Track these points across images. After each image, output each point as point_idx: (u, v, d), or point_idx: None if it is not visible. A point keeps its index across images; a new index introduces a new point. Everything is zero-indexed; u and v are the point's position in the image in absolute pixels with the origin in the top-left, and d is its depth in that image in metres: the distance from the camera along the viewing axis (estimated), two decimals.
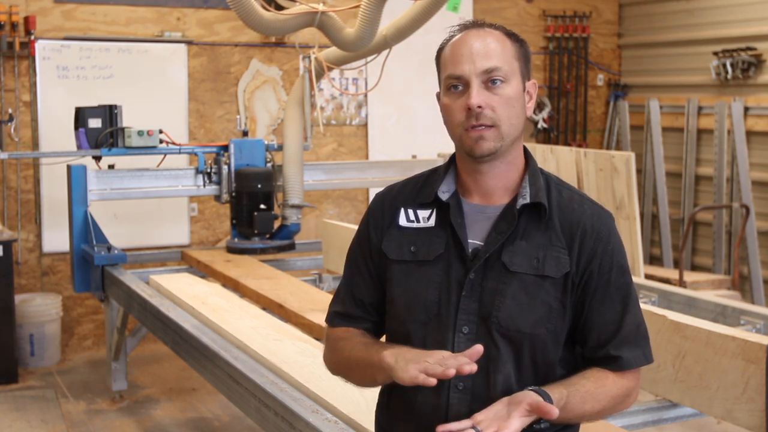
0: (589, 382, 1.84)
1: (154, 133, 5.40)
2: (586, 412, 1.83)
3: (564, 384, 1.82)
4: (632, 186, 6.04)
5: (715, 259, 7.33)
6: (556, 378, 1.87)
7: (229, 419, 5.16)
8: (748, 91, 7.12)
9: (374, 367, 1.85)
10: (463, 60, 1.84)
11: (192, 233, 6.95)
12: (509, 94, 1.85)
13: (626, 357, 1.86)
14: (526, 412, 1.72)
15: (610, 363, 1.87)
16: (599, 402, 1.83)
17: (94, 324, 6.69)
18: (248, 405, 3.15)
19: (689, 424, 4.77)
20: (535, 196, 1.88)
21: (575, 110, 8.39)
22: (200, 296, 4.32)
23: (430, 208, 1.94)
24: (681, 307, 4.24)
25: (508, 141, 1.87)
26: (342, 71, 7.19)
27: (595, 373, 1.87)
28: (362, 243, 2.01)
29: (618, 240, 1.92)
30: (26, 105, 6.41)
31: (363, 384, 2.00)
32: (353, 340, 1.97)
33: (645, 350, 1.90)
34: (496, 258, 1.86)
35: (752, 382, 2.89)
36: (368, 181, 6.33)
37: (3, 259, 5.70)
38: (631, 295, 1.90)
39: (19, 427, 5.04)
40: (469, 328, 1.85)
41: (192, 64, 6.87)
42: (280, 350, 3.39)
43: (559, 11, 8.22)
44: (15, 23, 6.19)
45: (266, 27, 4.97)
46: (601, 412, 1.86)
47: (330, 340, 2.03)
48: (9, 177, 6.40)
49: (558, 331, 1.86)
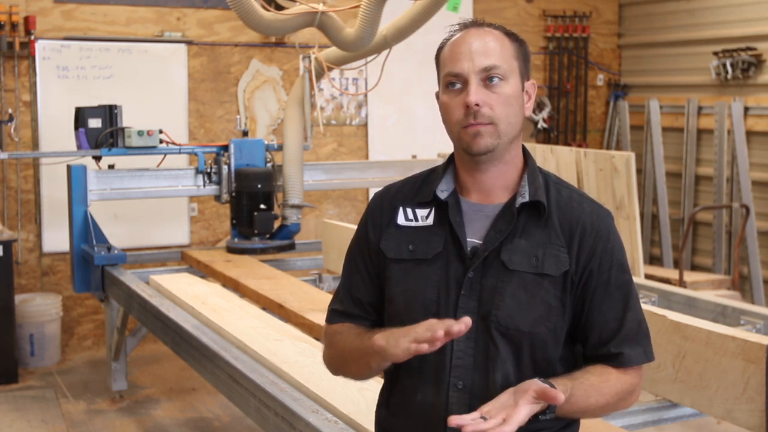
0: (593, 376, 1.84)
1: (154, 133, 5.39)
2: (590, 405, 1.83)
3: (568, 377, 1.83)
4: (632, 186, 6.04)
5: (715, 259, 7.33)
6: (556, 376, 1.87)
7: (229, 419, 5.16)
8: (748, 91, 7.12)
9: (368, 353, 1.84)
10: (462, 58, 1.85)
11: (192, 233, 6.95)
12: (507, 92, 1.85)
13: (627, 354, 1.86)
14: (533, 399, 1.71)
15: (612, 360, 1.87)
16: (603, 396, 1.83)
17: (94, 324, 6.69)
18: (248, 405, 3.15)
19: (689, 424, 4.77)
20: (534, 195, 1.88)
21: (575, 110, 8.39)
22: (200, 296, 4.32)
23: (429, 207, 1.94)
24: (681, 307, 4.24)
25: (505, 139, 1.87)
26: (342, 71, 7.19)
27: (598, 368, 1.87)
28: (361, 242, 2.02)
29: (617, 238, 1.92)
30: (26, 105, 6.41)
31: (360, 376, 1.99)
32: (346, 333, 1.97)
33: (646, 348, 1.90)
34: (495, 256, 1.86)
35: (752, 382, 2.89)
36: (368, 181, 6.33)
37: (3, 259, 5.70)
38: (632, 293, 1.90)
39: (19, 427, 5.04)
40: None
41: (192, 64, 6.87)
42: (280, 350, 3.39)
43: (559, 11, 8.22)
44: (15, 23, 6.20)
45: (266, 27, 4.97)
46: (604, 407, 1.86)
47: (327, 336, 2.04)
48: (9, 177, 6.40)
49: (558, 329, 1.86)
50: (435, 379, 1.86)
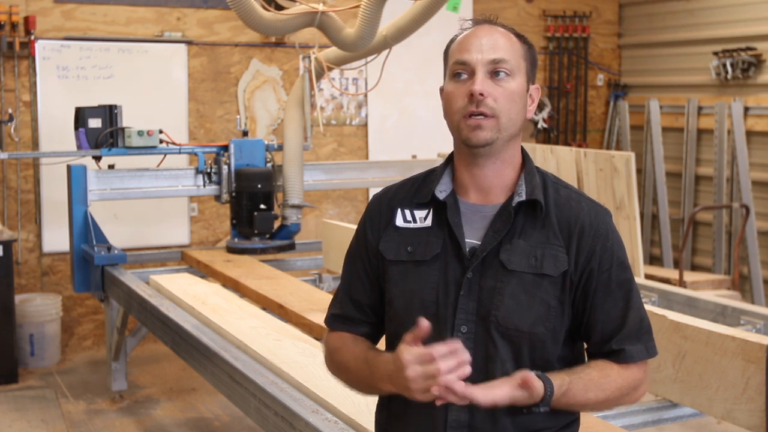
0: (593, 371, 1.85)
1: (154, 133, 5.40)
2: (590, 400, 1.83)
3: (567, 372, 1.83)
4: (632, 186, 6.04)
5: (715, 259, 7.33)
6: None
7: (229, 419, 5.16)
8: (748, 91, 7.12)
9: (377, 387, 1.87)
10: (472, 49, 1.86)
11: (192, 233, 6.95)
12: (512, 88, 1.85)
13: (629, 350, 1.87)
14: (517, 384, 1.74)
15: (614, 356, 1.87)
16: (603, 391, 1.84)
17: (94, 324, 6.69)
18: (248, 405, 3.15)
19: (689, 424, 4.77)
20: (531, 194, 1.88)
21: (575, 110, 8.39)
22: (200, 296, 4.32)
23: (427, 208, 1.94)
24: (681, 307, 4.24)
25: (505, 135, 1.86)
26: (342, 71, 7.19)
27: (599, 363, 1.87)
28: (360, 244, 2.02)
29: (617, 236, 1.92)
30: (26, 105, 6.41)
31: (370, 394, 2.01)
32: (349, 350, 1.96)
33: (648, 344, 1.90)
34: (494, 257, 1.86)
35: (752, 382, 2.89)
36: (368, 181, 6.33)
37: (3, 259, 5.70)
38: (633, 290, 1.91)
39: (19, 427, 5.04)
40: (468, 327, 1.85)
41: (192, 64, 6.87)
42: (280, 350, 3.39)
43: (559, 11, 8.22)
44: (15, 23, 6.20)
45: (266, 27, 4.97)
46: (605, 401, 1.86)
47: (327, 344, 2.04)
48: (9, 177, 6.40)
49: (557, 329, 1.86)
50: None
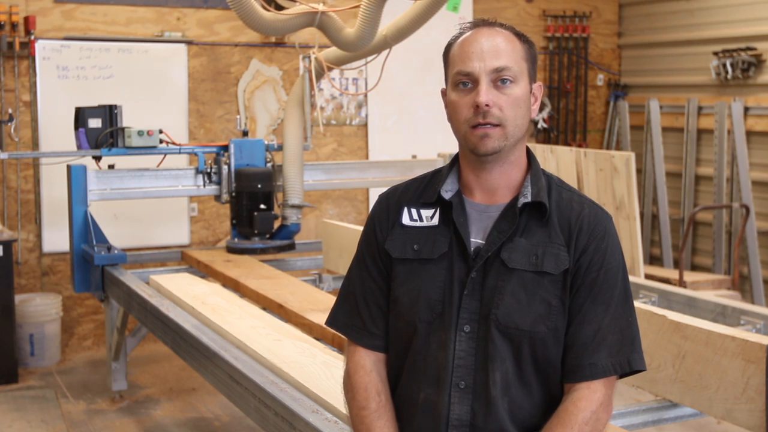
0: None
1: (154, 133, 5.39)
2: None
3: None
4: (632, 186, 6.04)
5: (715, 259, 7.33)
6: (557, 376, 1.86)
7: (229, 419, 5.16)
8: (748, 91, 7.12)
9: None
10: (474, 57, 1.85)
11: (192, 233, 6.95)
12: (517, 94, 1.85)
13: (601, 365, 1.82)
14: None
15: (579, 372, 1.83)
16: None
17: (94, 324, 6.69)
18: (248, 405, 3.15)
19: (689, 424, 4.77)
20: (537, 195, 1.89)
21: (575, 110, 8.39)
22: (200, 296, 4.32)
23: (434, 207, 1.95)
24: (681, 307, 4.24)
25: (512, 141, 1.87)
26: (342, 71, 7.19)
27: (556, 419, 1.82)
28: (370, 244, 2.01)
29: (614, 242, 1.90)
30: (26, 105, 6.41)
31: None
32: (361, 395, 1.96)
33: (631, 356, 1.85)
34: (496, 256, 1.86)
35: (752, 382, 2.89)
36: (368, 181, 6.33)
37: (3, 259, 5.70)
38: (616, 300, 1.86)
39: (19, 427, 5.04)
40: (471, 326, 1.85)
41: (192, 64, 6.87)
42: (280, 350, 3.39)
43: (559, 11, 8.22)
44: (15, 23, 6.19)
45: (266, 27, 4.97)
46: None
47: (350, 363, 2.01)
48: (9, 177, 6.40)
49: (558, 328, 1.85)
50: (437, 379, 1.86)
